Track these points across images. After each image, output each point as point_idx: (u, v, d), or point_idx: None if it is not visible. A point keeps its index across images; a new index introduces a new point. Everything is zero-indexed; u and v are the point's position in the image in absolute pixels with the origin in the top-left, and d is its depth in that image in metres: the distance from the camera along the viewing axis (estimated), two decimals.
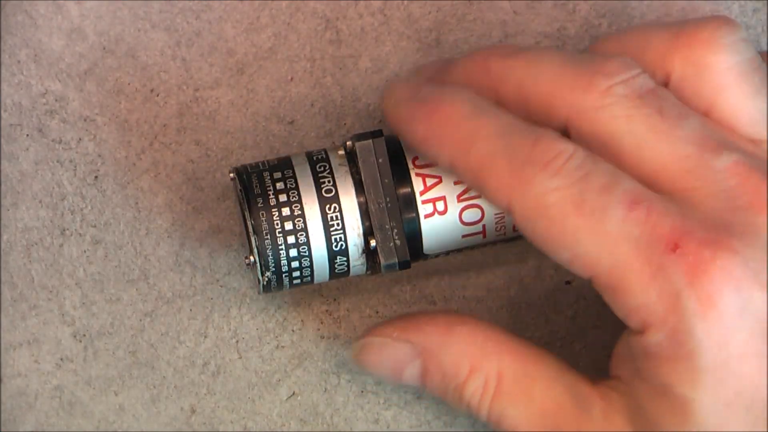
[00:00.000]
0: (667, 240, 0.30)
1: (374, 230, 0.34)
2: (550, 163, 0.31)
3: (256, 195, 0.34)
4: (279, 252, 0.34)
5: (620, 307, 0.31)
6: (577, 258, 0.31)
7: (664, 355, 0.30)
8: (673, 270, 0.30)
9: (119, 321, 0.39)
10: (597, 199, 0.30)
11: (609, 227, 0.30)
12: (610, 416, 0.32)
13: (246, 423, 0.40)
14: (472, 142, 0.32)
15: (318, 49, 0.39)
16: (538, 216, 0.31)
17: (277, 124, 0.39)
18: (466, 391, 0.35)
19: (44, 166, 0.39)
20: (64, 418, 0.39)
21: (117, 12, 0.39)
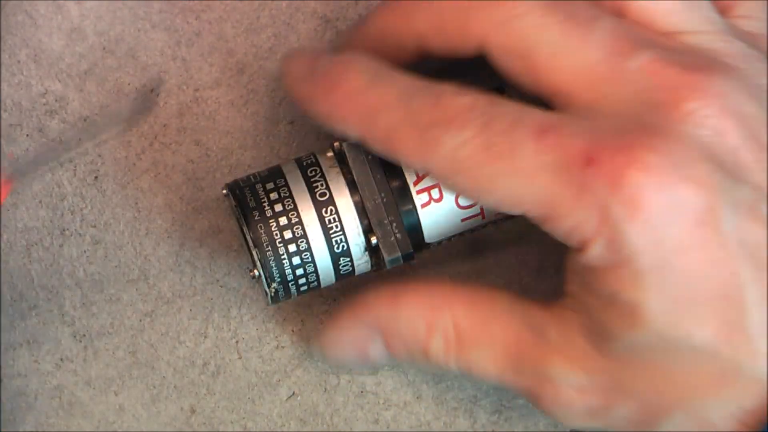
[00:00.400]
0: (580, 157, 0.30)
1: (373, 227, 0.34)
2: (454, 119, 0.31)
3: (251, 209, 0.34)
4: (282, 262, 0.34)
5: (557, 232, 0.31)
6: (502, 201, 0.31)
7: (605, 266, 0.30)
8: (594, 184, 0.30)
9: (119, 321, 0.39)
10: (505, 140, 0.30)
11: (523, 163, 0.30)
12: (567, 335, 0.33)
13: (246, 423, 0.40)
14: (375, 113, 0.32)
15: None
16: (455, 172, 0.31)
17: (277, 125, 0.39)
18: (430, 351, 0.35)
19: (44, 165, 0.39)
20: (64, 418, 0.40)
21: (117, 12, 0.39)
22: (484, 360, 0.34)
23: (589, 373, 0.32)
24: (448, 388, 0.40)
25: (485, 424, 0.40)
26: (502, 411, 0.40)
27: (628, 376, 0.32)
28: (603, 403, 0.33)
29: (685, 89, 0.31)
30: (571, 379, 0.33)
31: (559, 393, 0.33)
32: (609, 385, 0.32)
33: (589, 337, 0.32)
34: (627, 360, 0.32)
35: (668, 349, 0.31)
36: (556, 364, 0.33)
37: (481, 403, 0.40)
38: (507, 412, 0.40)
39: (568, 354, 0.33)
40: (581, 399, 0.33)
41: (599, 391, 0.32)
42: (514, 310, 0.34)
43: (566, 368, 0.33)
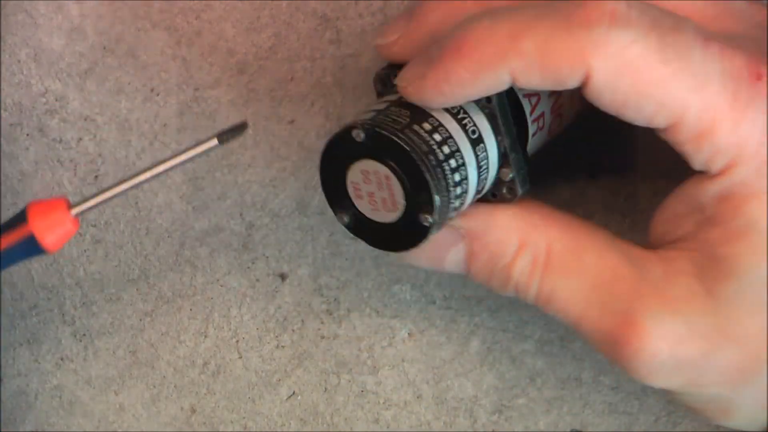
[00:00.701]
0: (749, 71, 0.29)
1: (510, 163, 0.33)
2: (615, 16, 0.29)
3: (425, 152, 0.31)
4: (449, 205, 0.32)
5: (704, 151, 0.29)
6: (663, 107, 0.29)
7: (749, 192, 0.29)
8: (762, 99, 0.29)
9: (119, 320, 0.39)
10: (677, 41, 0.29)
11: (694, 68, 0.29)
12: (673, 276, 0.31)
13: (246, 423, 0.40)
14: (519, 39, 0.29)
15: (318, 49, 0.39)
16: (623, 73, 0.29)
17: (277, 124, 0.39)
18: (514, 269, 0.33)
19: (44, 165, 0.39)
20: (64, 418, 0.40)
21: (117, 12, 0.39)
22: (570, 289, 0.32)
23: (690, 317, 0.30)
24: (448, 387, 0.40)
25: (485, 424, 0.40)
26: (502, 411, 0.40)
27: (739, 317, 0.30)
28: (698, 352, 0.31)
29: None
30: (667, 322, 0.30)
31: (647, 342, 0.31)
32: (711, 330, 0.30)
33: (700, 277, 0.30)
34: (742, 300, 0.30)
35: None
36: (654, 305, 0.31)
37: (481, 403, 0.40)
38: (507, 411, 0.40)
39: (670, 295, 0.31)
40: (671, 350, 0.30)
41: (697, 338, 0.30)
42: (614, 245, 0.32)
43: (665, 310, 0.31)
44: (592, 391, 0.40)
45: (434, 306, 0.40)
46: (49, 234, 0.31)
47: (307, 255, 0.40)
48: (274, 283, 0.40)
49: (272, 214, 0.39)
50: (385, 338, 0.40)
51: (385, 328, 0.40)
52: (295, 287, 0.40)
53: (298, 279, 0.40)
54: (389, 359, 0.40)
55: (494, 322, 0.40)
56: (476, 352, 0.40)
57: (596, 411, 0.40)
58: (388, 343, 0.40)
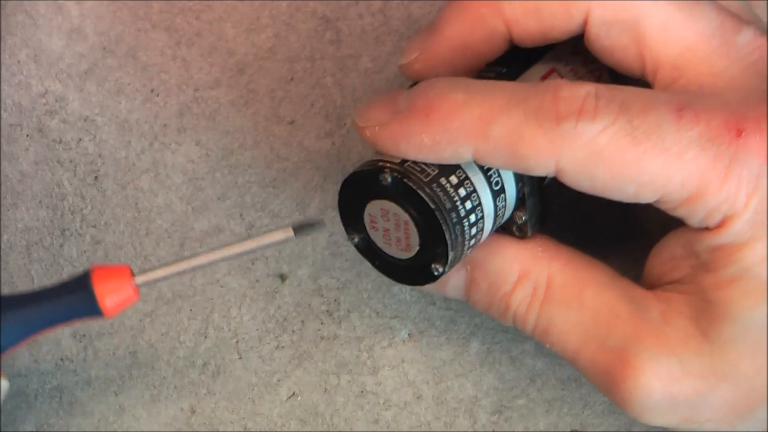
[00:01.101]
0: (727, 129, 0.29)
1: (527, 206, 0.33)
2: (583, 109, 0.30)
3: (449, 210, 0.32)
4: (463, 255, 0.33)
5: (698, 212, 0.30)
6: (644, 186, 0.30)
7: (742, 242, 0.30)
8: (746, 155, 0.29)
9: (119, 321, 0.39)
10: (645, 121, 0.29)
11: (669, 142, 0.29)
12: (671, 317, 0.31)
13: (246, 423, 0.40)
14: (487, 125, 0.30)
15: (318, 50, 0.39)
16: (595, 163, 0.30)
17: (277, 124, 0.39)
18: (513, 299, 0.33)
19: (44, 166, 0.39)
20: (64, 418, 0.40)
21: (117, 12, 0.39)
22: (568, 323, 0.33)
23: (685, 358, 0.31)
24: (448, 388, 0.40)
25: (485, 424, 0.40)
26: (502, 411, 0.40)
27: (734, 359, 0.31)
28: (692, 392, 0.31)
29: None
30: (662, 362, 0.31)
31: (641, 380, 0.31)
32: (706, 370, 0.31)
33: (695, 319, 0.31)
34: (737, 342, 0.31)
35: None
36: (650, 345, 0.31)
37: (481, 403, 0.40)
38: (507, 412, 0.40)
39: (666, 335, 0.31)
40: (665, 389, 0.31)
41: (691, 378, 0.31)
42: (614, 282, 0.33)
43: (660, 350, 0.31)
44: (592, 392, 0.40)
45: (434, 307, 0.40)
46: (109, 299, 0.31)
47: (306, 256, 0.40)
48: (274, 283, 0.40)
49: (272, 215, 0.39)
50: (385, 339, 0.40)
51: (385, 328, 0.40)
52: (294, 288, 0.40)
53: (298, 279, 0.40)
54: (389, 360, 0.40)
55: (494, 323, 0.40)
56: (476, 353, 0.40)
57: (596, 411, 0.40)
58: (388, 344, 0.40)
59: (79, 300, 0.31)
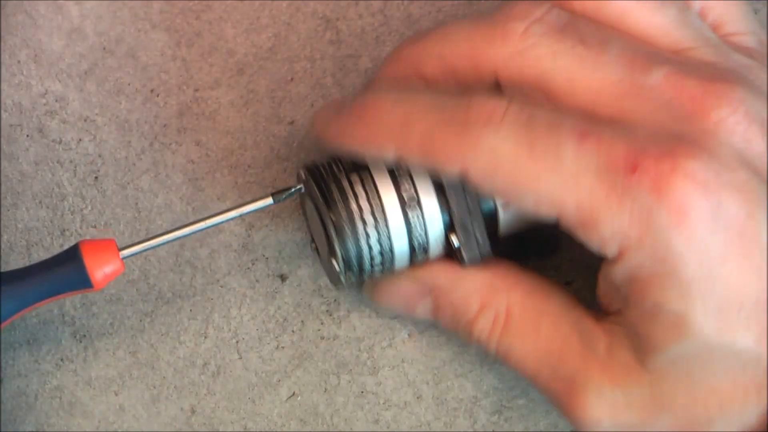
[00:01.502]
0: (624, 162, 0.29)
1: (456, 228, 0.34)
2: (491, 118, 0.31)
3: (334, 196, 0.34)
4: (362, 251, 0.34)
5: (594, 239, 0.31)
6: (541, 201, 0.31)
7: (647, 276, 0.30)
8: (638, 190, 0.29)
9: (119, 321, 0.39)
10: (547, 139, 0.30)
11: (565, 164, 0.30)
12: (614, 351, 0.32)
13: (246, 423, 0.40)
14: (409, 124, 0.32)
15: (318, 50, 0.39)
16: (495, 171, 0.31)
17: (277, 125, 0.39)
18: (475, 327, 0.35)
19: (44, 166, 0.39)
20: (64, 418, 0.40)
21: (117, 12, 0.39)
22: (524, 352, 0.34)
23: (628, 389, 0.32)
24: (448, 388, 0.40)
25: (485, 424, 0.40)
26: (502, 411, 0.40)
27: (670, 388, 0.32)
28: (637, 420, 0.32)
29: (710, 99, 0.30)
30: (606, 394, 0.32)
31: (588, 410, 0.33)
32: (647, 400, 0.32)
33: (634, 352, 0.32)
34: (670, 372, 0.31)
35: (712, 357, 0.31)
36: (596, 377, 0.33)
37: (481, 403, 0.40)
38: (507, 412, 0.40)
39: (610, 369, 0.32)
40: (611, 418, 0.33)
41: (635, 408, 0.32)
42: (568, 312, 0.34)
43: (605, 382, 0.32)
44: None
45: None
46: (98, 270, 0.33)
47: (307, 256, 0.40)
48: (274, 283, 0.40)
49: (272, 215, 0.39)
50: (385, 339, 0.40)
51: (385, 328, 0.40)
52: (294, 288, 0.40)
53: (298, 280, 0.40)
54: (389, 360, 0.40)
55: None
56: (476, 353, 0.40)
57: None
58: (388, 344, 0.40)
59: (70, 273, 0.33)
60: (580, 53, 0.31)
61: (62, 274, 0.33)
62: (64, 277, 0.33)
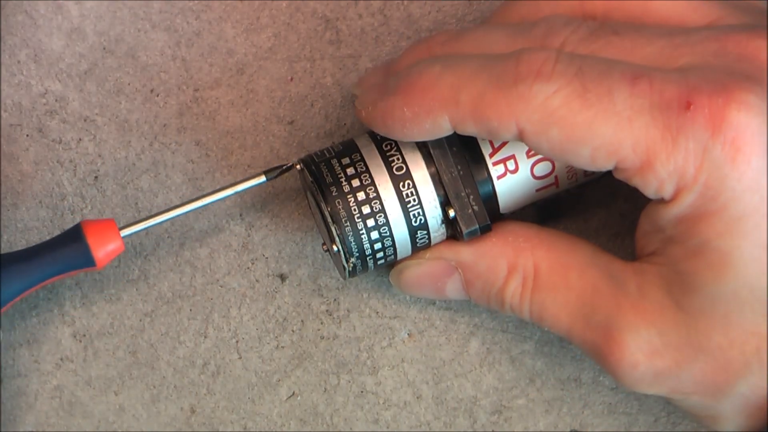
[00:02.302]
0: (678, 101, 0.30)
1: (451, 200, 0.34)
2: (540, 71, 0.30)
3: (328, 184, 0.34)
4: (361, 237, 0.34)
5: (651, 182, 0.30)
6: (598, 150, 0.31)
7: (698, 214, 0.30)
8: (693, 127, 0.29)
9: (119, 321, 0.39)
10: (599, 86, 0.30)
11: (619, 107, 0.30)
12: (645, 288, 0.32)
13: (246, 423, 0.40)
14: (458, 90, 0.31)
15: (318, 50, 0.39)
16: (549, 124, 0.31)
17: (277, 125, 0.39)
18: (506, 293, 0.35)
19: (44, 166, 0.39)
20: (64, 418, 0.40)
21: (117, 12, 0.39)
22: (558, 306, 0.34)
23: (663, 329, 0.32)
24: (448, 388, 0.40)
25: (485, 424, 0.40)
26: (502, 411, 0.40)
27: (707, 330, 0.31)
28: (673, 363, 0.32)
29: (756, 41, 0.31)
30: (642, 335, 0.32)
31: (626, 354, 0.32)
32: (683, 341, 0.32)
33: (669, 291, 0.32)
34: (708, 313, 0.31)
35: (753, 299, 0.30)
36: (630, 318, 0.32)
37: (481, 403, 0.40)
38: (507, 412, 0.40)
39: (644, 308, 0.32)
40: (648, 361, 0.32)
41: (671, 349, 0.32)
42: (595, 259, 0.34)
43: (639, 323, 0.32)
44: (592, 392, 0.40)
45: (434, 306, 0.40)
46: (100, 249, 0.34)
47: (306, 256, 0.40)
48: (274, 283, 0.40)
49: (272, 215, 0.39)
50: (384, 339, 0.40)
51: (384, 328, 0.40)
52: (294, 288, 0.40)
53: (298, 279, 0.40)
54: (389, 360, 0.40)
55: (494, 323, 0.40)
56: (476, 353, 0.40)
57: (596, 412, 0.40)
58: (388, 344, 0.40)
59: (73, 251, 0.34)
60: (617, 44, 0.32)
61: (65, 253, 0.34)
62: (67, 256, 0.34)
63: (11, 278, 0.34)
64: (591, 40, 0.32)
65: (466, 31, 0.34)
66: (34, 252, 0.35)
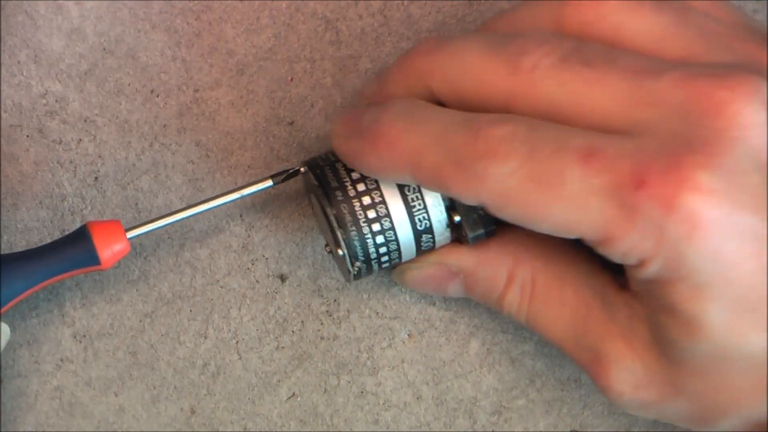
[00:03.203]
0: (630, 180, 0.30)
1: (456, 205, 0.35)
2: (496, 151, 0.31)
3: (334, 188, 0.34)
4: (366, 241, 0.34)
5: (614, 254, 0.31)
6: (557, 226, 0.31)
7: (664, 281, 0.30)
8: (647, 207, 0.29)
9: (119, 321, 0.39)
10: (551, 166, 0.30)
11: (572, 189, 0.30)
12: (635, 324, 0.33)
13: (246, 424, 0.40)
14: (419, 157, 0.32)
15: (318, 50, 0.39)
16: (506, 204, 0.31)
17: (277, 125, 0.39)
18: (505, 301, 0.36)
19: (44, 166, 0.39)
20: (64, 419, 0.40)
21: (117, 13, 0.39)
22: (552, 320, 0.35)
23: (648, 364, 0.33)
24: (447, 388, 0.40)
25: (485, 425, 0.40)
26: (502, 411, 0.40)
27: (686, 377, 0.32)
28: (657, 397, 0.33)
29: (723, 92, 0.30)
30: (628, 367, 0.33)
31: (612, 382, 0.33)
32: (665, 381, 0.33)
33: (654, 332, 0.32)
34: (685, 364, 0.32)
35: (726, 357, 0.31)
36: (618, 348, 0.33)
37: (481, 403, 0.40)
38: (507, 412, 0.40)
39: (632, 341, 0.33)
40: (633, 392, 0.33)
41: (655, 384, 0.33)
42: (590, 278, 0.34)
43: (626, 355, 0.33)
44: (592, 393, 0.40)
45: (434, 307, 0.40)
46: (106, 249, 0.35)
47: (306, 256, 0.40)
48: (274, 284, 0.40)
49: (272, 216, 0.39)
50: (384, 339, 0.40)
51: (384, 329, 0.40)
52: (294, 288, 0.40)
53: (298, 280, 0.40)
54: (389, 360, 0.40)
55: (494, 324, 0.40)
56: (476, 354, 0.40)
57: (596, 412, 0.40)
58: (388, 344, 0.40)
59: (79, 251, 0.35)
60: (586, 76, 0.31)
61: (71, 252, 0.35)
62: (73, 255, 0.35)
63: (16, 276, 0.35)
64: (561, 68, 0.32)
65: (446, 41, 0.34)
66: (39, 251, 0.35)
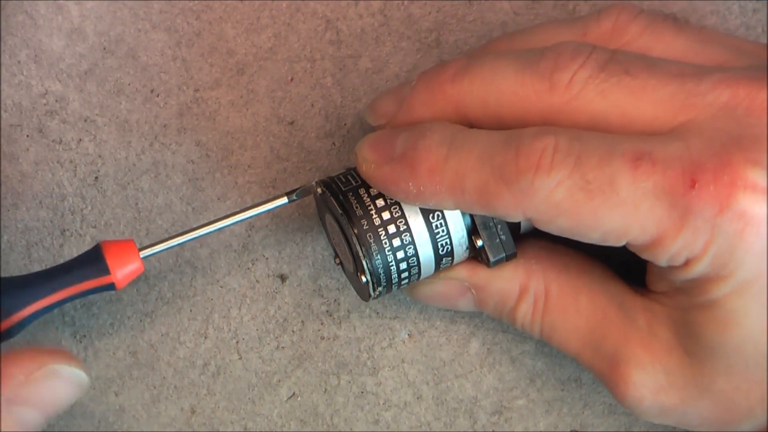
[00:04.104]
0: (682, 181, 0.30)
1: (479, 230, 0.34)
2: (540, 163, 0.31)
3: (359, 216, 0.34)
4: (390, 268, 0.34)
5: (661, 257, 0.31)
6: (607, 234, 0.31)
7: (708, 278, 0.30)
8: (700, 206, 0.30)
9: (119, 321, 0.39)
10: (600, 175, 0.30)
11: (623, 194, 0.30)
12: (655, 327, 0.33)
13: (246, 423, 0.40)
14: (462, 180, 0.32)
15: (318, 50, 0.39)
16: (555, 216, 0.31)
17: (277, 125, 0.39)
18: (518, 314, 0.35)
19: (44, 166, 0.39)
20: (64, 419, 0.40)
21: (117, 12, 0.39)
22: (567, 330, 0.35)
23: (669, 368, 0.33)
24: (448, 388, 0.40)
25: (485, 425, 0.40)
26: (502, 411, 0.40)
27: (711, 375, 0.32)
28: (678, 401, 0.33)
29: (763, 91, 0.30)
30: (649, 371, 0.33)
31: (631, 388, 0.33)
32: (689, 382, 0.32)
33: (676, 333, 0.32)
34: (712, 361, 0.32)
35: (757, 353, 0.31)
36: (638, 353, 0.33)
37: (481, 403, 0.40)
38: (507, 412, 0.40)
39: (652, 345, 0.33)
40: (653, 397, 0.33)
41: (676, 388, 0.33)
42: (606, 285, 0.34)
43: (647, 359, 0.33)
44: (592, 392, 0.40)
45: (434, 307, 0.40)
46: (120, 270, 0.34)
47: (307, 256, 0.40)
48: (274, 284, 0.40)
49: (272, 216, 0.39)
50: (385, 339, 0.40)
51: (385, 329, 0.40)
52: (295, 288, 0.40)
53: (298, 280, 0.40)
54: (389, 360, 0.40)
55: (494, 323, 0.40)
56: (476, 353, 0.40)
57: (596, 412, 0.40)
58: (388, 344, 0.40)
59: (93, 272, 0.34)
60: (627, 84, 0.31)
61: (85, 274, 0.34)
62: (87, 277, 0.34)
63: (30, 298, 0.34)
64: (601, 78, 0.32)
65: (474, 63, 0.34)
66: (52, 273, 0.34)
